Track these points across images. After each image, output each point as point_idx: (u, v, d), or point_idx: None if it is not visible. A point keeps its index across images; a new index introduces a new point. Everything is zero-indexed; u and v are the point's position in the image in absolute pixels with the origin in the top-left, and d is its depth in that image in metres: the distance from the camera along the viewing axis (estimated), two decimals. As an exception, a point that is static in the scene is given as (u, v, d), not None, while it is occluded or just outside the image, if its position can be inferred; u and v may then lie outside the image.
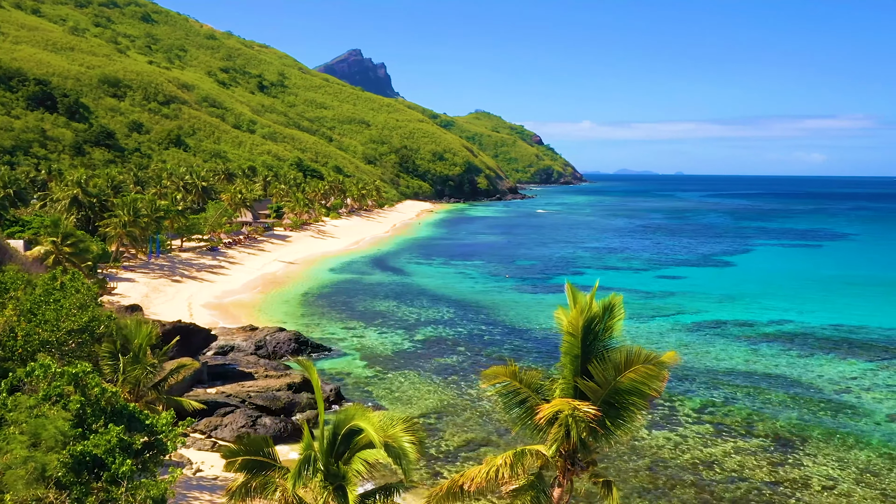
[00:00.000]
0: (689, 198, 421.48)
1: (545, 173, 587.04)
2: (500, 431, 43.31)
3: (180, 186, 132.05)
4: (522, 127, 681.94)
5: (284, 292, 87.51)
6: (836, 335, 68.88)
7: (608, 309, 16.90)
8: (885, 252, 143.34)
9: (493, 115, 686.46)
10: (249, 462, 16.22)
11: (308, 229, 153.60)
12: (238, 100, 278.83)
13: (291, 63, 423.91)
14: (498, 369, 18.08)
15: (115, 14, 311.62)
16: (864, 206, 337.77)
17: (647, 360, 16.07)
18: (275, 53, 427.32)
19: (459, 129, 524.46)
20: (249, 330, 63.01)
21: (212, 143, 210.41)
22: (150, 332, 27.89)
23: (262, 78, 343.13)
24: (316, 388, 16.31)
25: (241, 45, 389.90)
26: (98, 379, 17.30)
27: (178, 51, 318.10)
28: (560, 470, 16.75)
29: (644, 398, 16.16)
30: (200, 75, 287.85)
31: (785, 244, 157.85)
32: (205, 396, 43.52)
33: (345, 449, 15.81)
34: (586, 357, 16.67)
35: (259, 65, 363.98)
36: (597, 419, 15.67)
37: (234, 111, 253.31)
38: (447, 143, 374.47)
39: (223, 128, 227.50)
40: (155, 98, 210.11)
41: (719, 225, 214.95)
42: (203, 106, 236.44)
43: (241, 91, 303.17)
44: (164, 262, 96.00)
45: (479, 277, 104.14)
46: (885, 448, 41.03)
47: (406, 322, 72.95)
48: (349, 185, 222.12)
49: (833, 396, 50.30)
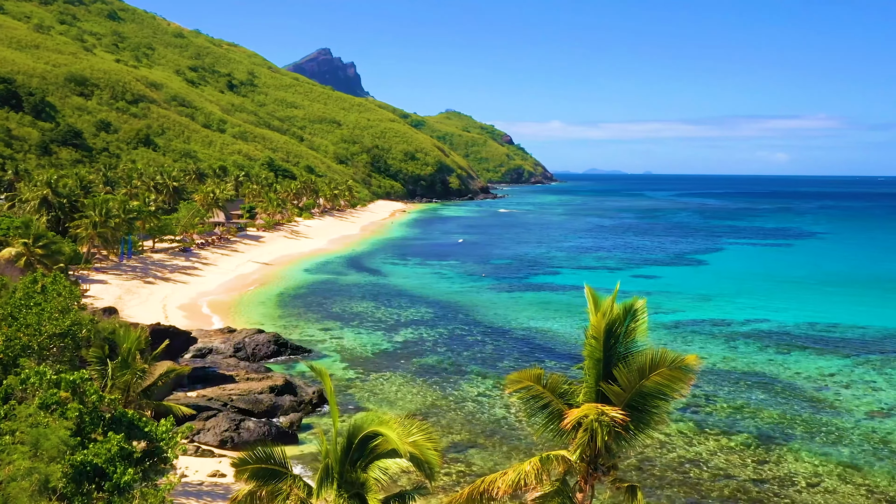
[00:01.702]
0: (658, 197, 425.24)
1: (516, 173, 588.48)
2: (486, 433, 43.16)
3: (151, 187, 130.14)
4: (493, 127, 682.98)
5: (260, 293, 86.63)
6: (812, 333, 69.73)
7: (630, 312, 16.74)
8: (853, 250, 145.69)
9: (463, 115, 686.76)
10: (259, 471, 15.81)
11: (281, 230, 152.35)
12: (207, 99, 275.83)
13: (261, 62, 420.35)
14: (521, 374, 17.84)
15: (80, 11, 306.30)
16: (829, 206, 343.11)
17: (673, 364, 15.93)
18: (244, 52, 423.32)
19: (430, 129, 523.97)
20: (227, 332, 62.21)
21: (181, 142, 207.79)
22: (139, 336, 27.27)
23: (232, 77, 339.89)
24: (329, 394, 15.94)
25: (210, 44, 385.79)
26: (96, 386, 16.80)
27: (146, 49, 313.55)
28: (582, 475, 16.57)
29: (668, 401, 16.04)
30: (169, 74, 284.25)
31: (755, 243, 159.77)
32: (186, 400, 42.78)
33: (359, 455, 15.48)
34: (609, 360, 16.50)
35: (228, 63, 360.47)
36: (620, 423, 15.50)
37: (204, 110, 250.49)
38: (419, 143, 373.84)
39: (193, 127, 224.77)
40: (123, 97, 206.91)
41: (690, 224, 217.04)
42: (172, 105, 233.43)
43: (210, 90, 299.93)
44: (136, 264, 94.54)
45: (455, 277, 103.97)
46: (866, 445, 41.52)
47: (385, 323, 72.54)
48: (321, 185, 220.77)
49: (813, 394, 50.86)
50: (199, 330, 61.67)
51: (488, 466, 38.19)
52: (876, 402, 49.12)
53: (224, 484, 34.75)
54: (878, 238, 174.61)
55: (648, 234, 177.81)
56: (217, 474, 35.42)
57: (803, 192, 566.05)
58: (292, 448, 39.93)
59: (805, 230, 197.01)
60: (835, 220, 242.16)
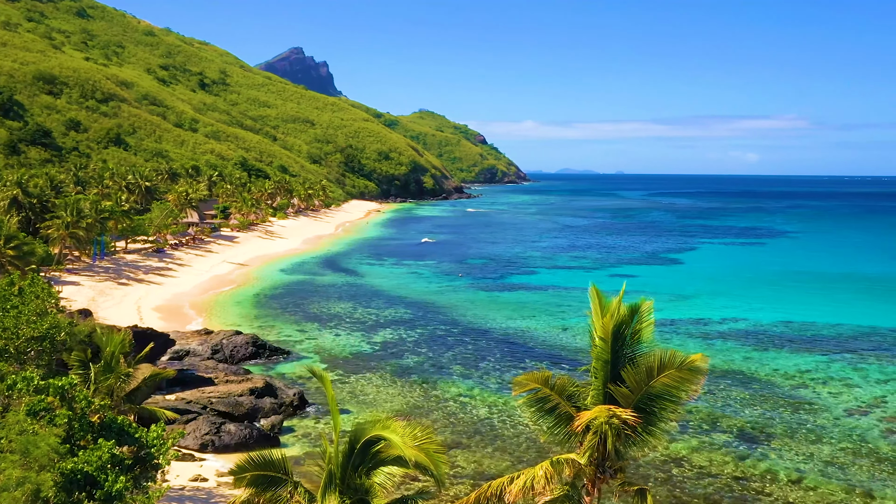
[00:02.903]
0: (631, 196, 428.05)
1: (489, 173, 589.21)
2: (469, 433, 43.00)
3: (123, 186, 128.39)
4: (466, 126, 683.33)
5: (236, 294, 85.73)
6: (787, 331, 70.43)
7: (636, 313, 16.60)
8: (824, 249, 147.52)
9: (437, 115, 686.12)
10: (259, 477, 15.46)
11: (255, 230, 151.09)
12: (179, 98, 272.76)
13: (233, 61, 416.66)
14: (528, 376, 17.63)
15: (48, 9, 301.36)
16: (800, 205, 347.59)
17: (682, 365, 15.82)
18: (215, 51, 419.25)
19: (404, 129, 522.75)
20: (204, 333, 61.39)
21: (153, 142, 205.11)
22: (122, 340, 26.69)
23: (204, 76, 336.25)
24: (331, 399, 15.64)
25: (181, 42, 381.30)
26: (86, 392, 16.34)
27: (116, 47, 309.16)
28: (589, 478, 16.42)
29: (677, 403, 15.93)
30: (139, 72, 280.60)
31: (728, 242, 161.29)
32: (164, 403, 42.08)
33: (361, 461, 15.19)
34: (617, 362, 16.36)
35: (200, 62, 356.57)
36: (630, 425, 15.36)
37: (176, 109, 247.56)
38: (392, 143, 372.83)
39: (164, 126, 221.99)
40: (93, 96, 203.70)
41: (663, 223, 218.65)
42: (143, 104, 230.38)
43: (181, 89, 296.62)
44: (108, 265, 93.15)
45: (432, 277, 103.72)
46: (846, 441, 41.95)
47: (363, 323, 72.11)
48: (295, 184, 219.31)
49: (791, 391, 51.33)
50: (175, 332, 60.78)
51: (472, 467, 38.05)
52: (853, 400, 49.70)
53: (206, 489, 34.25)
54: (848, 237, 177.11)
55: (623, 234, 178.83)
56: (199, 479, 34.89)
57: (773, 191, 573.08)
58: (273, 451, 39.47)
59: (776, 229, 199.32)
60: (805, 219, 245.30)
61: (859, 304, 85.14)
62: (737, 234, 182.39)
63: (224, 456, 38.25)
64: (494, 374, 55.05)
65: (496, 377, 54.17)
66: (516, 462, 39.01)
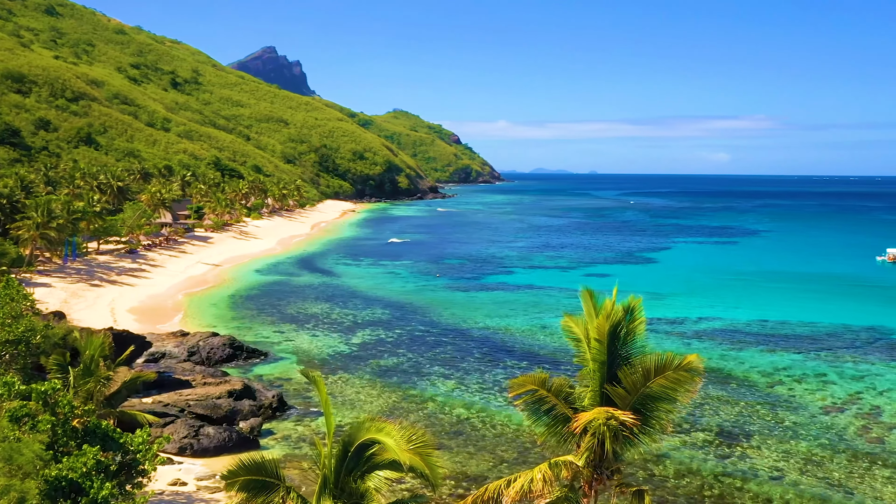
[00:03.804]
0: (604, 196, 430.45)
1: (464, 172, 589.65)
2: (450, 433, 42.83)
3: (94, 186, 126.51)
4: (441, 126, 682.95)
5: (212, 295, 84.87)
6: (763, 330, 71.08)
7: (629, 312, 16.54)
8: (796, 248, 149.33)
9: (411, 115, 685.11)
10: (250, 482, 15.17)
11: (230, 230, 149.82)
12: (151, 97, 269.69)
13: (205, 59, 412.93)
14: (526, 378, 17.48)
15: (16, 6, 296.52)
16: (770, 204, 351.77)
17: (679, 367, 15.79)
18: (187, 49, 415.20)
19: (378, 128, 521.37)
20: (180, 335, 60.67)
21: (125, 141, 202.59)
22: (102, 343, 26.17)
23: (176, 74, 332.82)
24: (325, 402, 15.36)
25: (152, 41, 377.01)
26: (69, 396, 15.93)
27: (86, 45, 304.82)
28: (586, 480, 16.32)
29: (673, 404, 15.88)
30: (110, 71, 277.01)
31: (701, 241, 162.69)
32: (141, 406, 41.47)
33: (355, 464, 14.95)
34: (613, 363, 16.29)
35: (171, 61, 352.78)
36: (628, 427, 15.29)
37: (148, 108, 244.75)
38: (367, 143, 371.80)
39: (136, 126, 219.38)
40: (62, 94, 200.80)
41: (637, 222, 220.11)
42: (114, 103, 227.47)
43: (153, 88, 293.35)
44: (80, 266, 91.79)
45: (409, 277, 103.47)
46: (823, 439, 42.35)
47: (341, 324, 71.69)
48: (270, 184, 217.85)
49: (768, 389, 51.77)
50: (150, 333, 59.98)
51: (454, 468, 37.87)
52: (829, 397, 50.25)
53: (185, 493, 33.79)
54: (818, 236, 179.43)
55: (597, 233, 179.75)
56: (178, 483, 34.42)
57: (744, 190, 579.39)
58: (253, 454, 39.06)
59: (748, 228, 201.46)
60: (776, 218, 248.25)
61: (832, 302, 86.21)
62: (710, 233, 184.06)
63: (203, 459, 37.79)
64: (474, 374, 54.96)
65: (476, 377, 54.07)
66: (498, 463, 38.95)
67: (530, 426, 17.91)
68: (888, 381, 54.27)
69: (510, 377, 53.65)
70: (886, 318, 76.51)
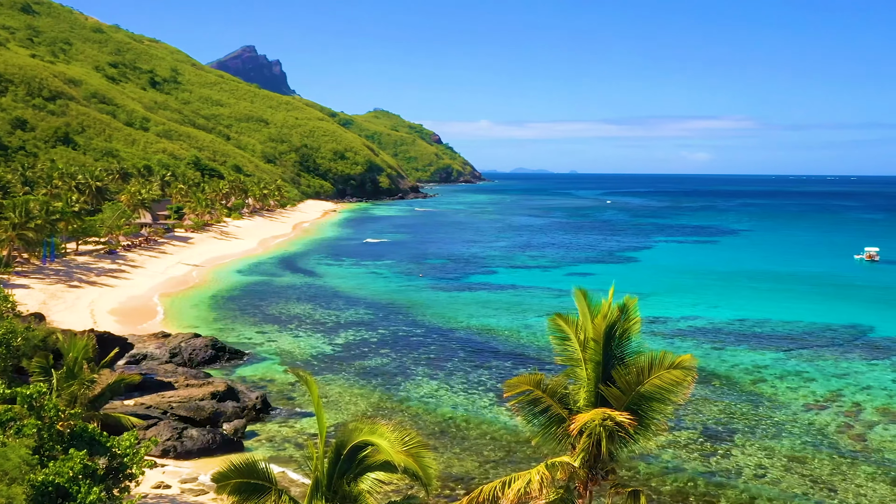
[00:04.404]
0: (585, 196, 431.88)
1: (445, 172, 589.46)
2: (435, 434, 42.71)
3: (72, 186, 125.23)
4: (421, 126, 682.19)
5: (193, 296, 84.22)
6: (744, 328, 71.58)
7: (624, 312, 16.52)
8: (775, 247, 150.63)
9: (392, 114, 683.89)
10: (242, 485, 14.98)
11: (210, 230, 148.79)
12: (129, 96, 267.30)
13: (184, 58, 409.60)
14: (521, 378, 17.40)
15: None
16: (750, 203, 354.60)
17: (672, 366, 15.80)
18: (166, 48, 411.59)
19: (359, 128, 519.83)
20: (162, 336, 60.12)
21: (103, 141, 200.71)
22: (86, 345, 25.81)
23: (154, 73, 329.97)
24: (316, 404, 15.21)
25: (131, 40, 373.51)
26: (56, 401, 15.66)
27: (63, 44, 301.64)
28: (581, 481, 16.27)
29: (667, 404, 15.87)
30: (88, 70, 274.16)
31: (682, 240, 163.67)
32: (123, 409, 41.02)
33: (348, 467, 14.80)
34: (608, 363, 16.26)
35: (150, 60, 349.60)
36: (624, 427, 15.26)
37: (126, 108, 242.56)
38: (348, 142, 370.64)
39: (114, 125, 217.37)
40: (39, 93, 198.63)
41: (618, 222, 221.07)
42: (92, 102, 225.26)
43: (132, 87, 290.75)
44: (59, 267, 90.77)
45: (392, 277, 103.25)
46: (806, 436, 42.70)
47: (324, 325, 71.37)
48: (250, 184, 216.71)
49: (750, 387, 52.13)
50: (131, 335, 59.39)
51: (439, 468, 37.60)
52: (811, 395, 50.66)
53: (169, 496, 33.46)
54: (797, 235, 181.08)
55: (579, 233, 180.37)
56: (161, 486, 34.05)
57: (723, 190, 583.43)
58: (238, 456, 38.74)
59: (728, 227, 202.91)
60: (755, 217, 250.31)
61: (812, 301, 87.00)
62: (690, 232, 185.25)
63: (187, 462, 37.44)
64: (459, 374, 54.87)
65: (461, 377, 54.00)
66: (483, 462, 38.93)
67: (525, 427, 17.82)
68: (868, 378, 54.86)
69: (495, 377, 53.81)
70: (865, 316, 77.35)
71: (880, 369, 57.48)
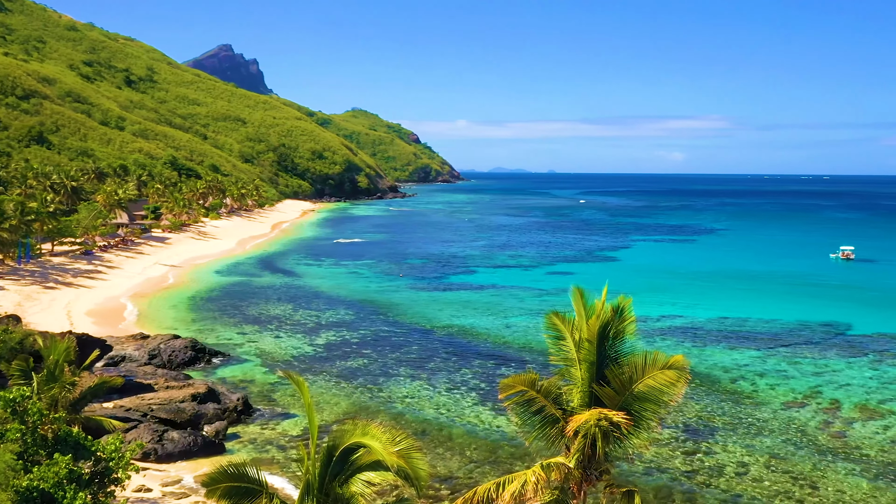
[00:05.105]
0: (564, 195, 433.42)
1: (423, 171, 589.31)
2: (417, 434, 42.51)
3: (47, 186, 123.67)
4: (400, 125, 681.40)
5: (171, 297, 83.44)
6: (724, 327, 72.07)
7: (618, 312, 16.51)
8: (752, 246, 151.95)
9: (370, 114, 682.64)
10: (233, 489, 14.76)
11: (188, 230, 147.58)
12: (104, 95, 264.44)
13: (160, 57, 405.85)
14: (515, 379, 17.29)
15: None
16: (725, 203, 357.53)
17: (665, 366, 15.80)
18: (141, 47, 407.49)
19: (337, 128, 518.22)
20: (140, 338, 59.47)
21: (78, 140, 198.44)
22: (67, 347, 25.39)
23: (130, 72, 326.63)
24: (308, 406, 15.03)
25: (105, 38, 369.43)
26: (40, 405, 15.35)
27: (36, 42, 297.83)
28: (575, 481, 16.21)
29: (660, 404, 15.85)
30: (62, 69, 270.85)
31: (660, 239, 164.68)
32: (102, 411, 40.48)
33: (340, 469, 14.64)
34: (602, 363, 16.22)
35: (125, 58, 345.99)
36: (619, 426, 15.23)
37: (101, 107, 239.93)
38: (326, 142, 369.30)
39: (90, 124, 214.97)
40: (13, 92, 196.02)
41: (597, 221, 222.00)
42: (66, 101, 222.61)
43: (107, 86, 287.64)
44: (34, 268, 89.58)
45: (372, 277, 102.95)
46: (786, 433, 43.07)
47: (304, 325, 70.98)
48: (228, 184, 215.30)
49: (731, 386, 52.50)
50: (109, 336, 58.66)
51: (425, 469, 37.63)
52: (790, 392, 51.10)
53: (151, 499, 33.08)
54: (773, 234, 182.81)
55: (558, 232, 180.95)
56: (142, 489, 33.65)
57: (699, 189, 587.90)
58: (220, 459, 38.43)
59: (706, 227, 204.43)
60: (732, 217, 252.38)
61: (789, 299, 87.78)
62: (668, 231, 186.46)
63: (168, 465, 37.05)
64: (441, 374, 54.77)
65: (443, 377, 53.89)
66: (467, 462, 38.88)
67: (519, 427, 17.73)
68: (846, 376, 55.44)
69: (477, 377, 53.81)
70: (842, 314, 78.19)
71: (857, 367, 58.13)
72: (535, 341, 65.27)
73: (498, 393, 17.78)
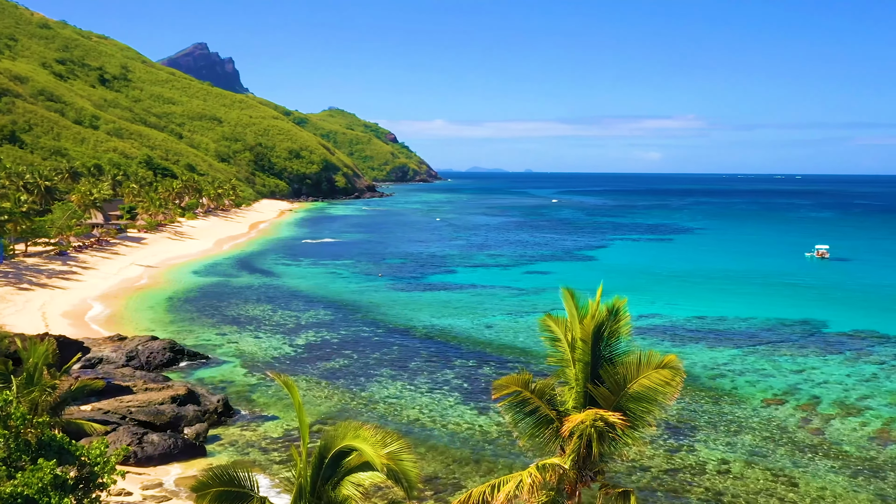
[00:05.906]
0: (541, 195, 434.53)
1: (401, 171, 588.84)
2: (400, 434, 42.31)
3: (20, 186, 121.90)
4: (377, 125, 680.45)
5: (148, 298, 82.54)
6: (702, 326, 72.55)
7: (613, 312, 16.46)
8: (729, 245, 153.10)
9: (347, 113, 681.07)
10: (223, 493, 14.53)
11: (164, 230, 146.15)
12: (78, 94, 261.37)
13: (134, 55, 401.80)
14: (508, 379, 17.17)
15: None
16: (701, 202, 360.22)
17: (660, 365, 15.78)
18: (115, 45, 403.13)
19: (314, 127, 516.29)
20: (118, 339, 58.80)
21: (51, 139, 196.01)
22: (46, 350, 24.94)
23: (104, 71, 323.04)
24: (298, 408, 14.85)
25: (79, 36, 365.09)
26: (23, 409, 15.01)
27: (8, 40, 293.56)
28: (570, 482, 16.14)
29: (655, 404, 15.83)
30: (34, 67, 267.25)
31: (638, 238, 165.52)
32: (80, 414, 39.86)
33: (332, 472, 14.47)
34: (596, 363, 16.16)
35: (99, 57, 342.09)
36: (614, 427, 15.18)
37: (75, 105, 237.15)
38: (303, 141, 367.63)
39: (63, 123, 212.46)
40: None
41: (574, 221, 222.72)
42: (39, 100, 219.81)
43: (80, 84, 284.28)
44: (7, 269, 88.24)
45: (351, 277, 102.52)
46: (766, 431, 43.39)
47: (284, 326, 70.50)
48: (204, 184, 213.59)
49: (711, 383, 52.84)
50: (85, 338, 57.95)
51: (407, 470, 37.47)
52: (769, 389, 51.50)
53: (131, 503, 32.62)
54: (749, 233, 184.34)
55: (536, 231, 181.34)
56: (122, 493, 33.17)
57: (675, 189, 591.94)
58: (200, 461, 38.04)
59: (682, 226, 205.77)
60: (708, 216, 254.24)
61: (767, 298, 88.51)
62: (645, 230, 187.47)
63: (148, 468, 36.59)
64: (423, 374, 54.62)
65: (425, 377, 53.74)
66: (451, 462, 38.78)
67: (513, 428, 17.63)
68: (824, 373, 55.98)
69: (459, 377, 53.73)
70: (818, 312, 78.98)
71: (834, 364, 58.72)
72: (516, 341, 65.36)
73: (483, 392, 17.71)
